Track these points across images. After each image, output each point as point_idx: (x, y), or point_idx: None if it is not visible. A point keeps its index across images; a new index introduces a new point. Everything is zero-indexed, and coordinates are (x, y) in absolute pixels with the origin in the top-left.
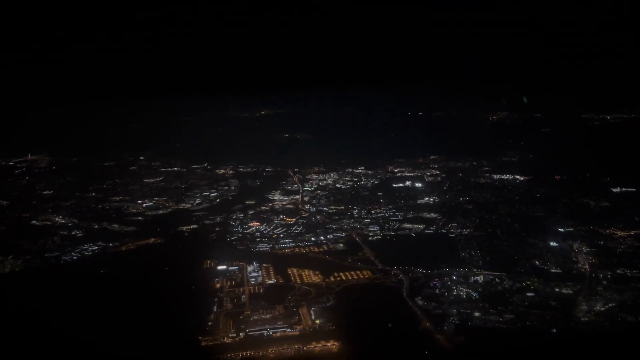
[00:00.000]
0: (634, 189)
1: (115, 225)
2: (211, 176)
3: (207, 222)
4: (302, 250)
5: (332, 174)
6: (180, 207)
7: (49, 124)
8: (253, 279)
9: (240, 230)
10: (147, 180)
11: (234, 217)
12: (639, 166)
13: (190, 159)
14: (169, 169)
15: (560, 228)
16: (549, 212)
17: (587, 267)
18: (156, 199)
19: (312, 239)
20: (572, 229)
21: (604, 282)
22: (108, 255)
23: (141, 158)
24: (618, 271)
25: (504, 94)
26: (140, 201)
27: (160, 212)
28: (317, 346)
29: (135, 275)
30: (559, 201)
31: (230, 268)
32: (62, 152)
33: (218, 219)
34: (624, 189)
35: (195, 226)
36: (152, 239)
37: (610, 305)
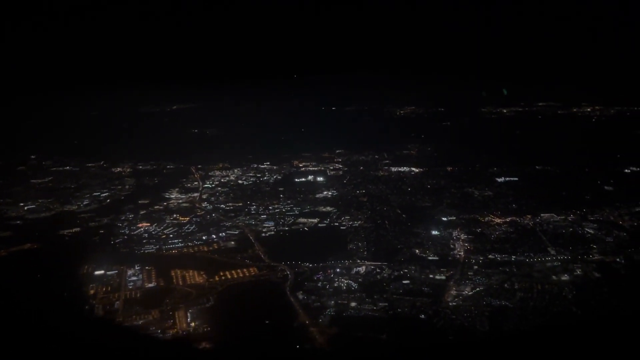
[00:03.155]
0: (517, 178)
1: None
2: (106, 175)
3: (92, 224)
4: (191, 250)
5: (236, 170)
6: (65, 209)
7: None
8: (132, 284)
9: (127, 232)
10: (34, 180)
11: (123, 218)
12: (524, 157)
13: (86, 157)
14: (61, 168)
15: (444, 217)
16: (435, 202)
17: (462, 253)
18: (40, 200)
19: (204, 237)
20: (454, 218)
21: (475, 267)
22: None
23: (32, 157)
24: (490, 256)
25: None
26: (22, 204)
27: (43, 215)
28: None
29: (2, 284)
30: (446, 191)
31: (108, 273)
32: None
33: (105, 221)
34: (507, 179)
35: (78, 229)
36: (28, 245)
37: (478, 289)
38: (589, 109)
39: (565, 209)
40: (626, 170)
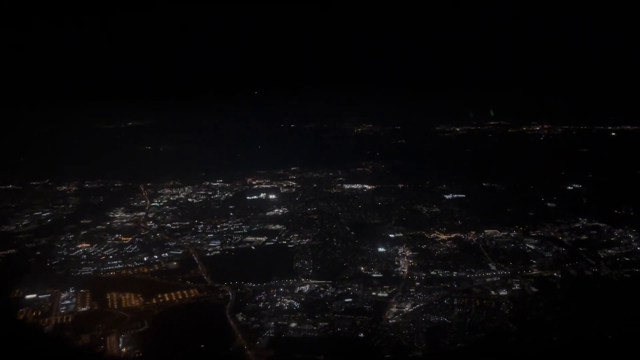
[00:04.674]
0: (464, 195)
1: None
2: (49, 194)
3: (29, 245)
4: (130, 271)
5: (186, 188)
6: (1, 230)
7: None
8: (64, 308)
9: (65, 253)
10: None
11: (62, 238)
12: (472, 174)
13: (30, 175)
14: (2, 187)
15: (391, 234)
16: (385, 218)
17: (405, 269)
18: None
19: (145, 258)
20: (401, 234)
21: (417, 283)
22: None
23: None
24: (432, 272)
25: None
26: None
27: None
28: None
29: None
30: (396, 208)
31: (40, 297)
32: None
33: (43, 242)
34: (455, 196)
35: (14, 250)
36: None
37: (418, 306)
38: (537, 128)
39: (508, 225)
40: (569, 187)
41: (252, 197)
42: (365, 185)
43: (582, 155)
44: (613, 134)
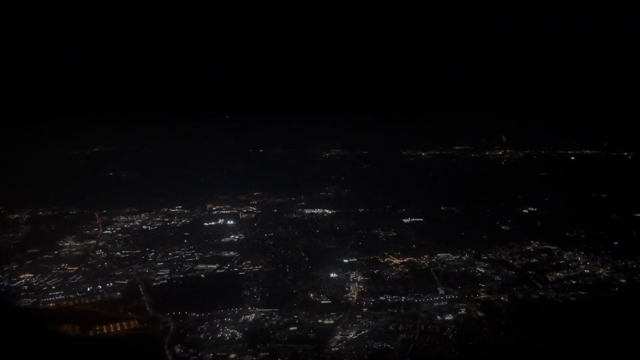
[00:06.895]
0: (422, 219)
1: None
2: None
3: None
4: (71, 302)
5: (143, 215)
6: None
7: None
8: None
9: (6, 284)
10: None
11: (5, 269)
12: (432, 198)
13: None
14: None
15: (345, 259)
16: (341, 243)
17: (355, 295)
18: None
19: (88, 289)
20: (355, 259)
21: (365, 309)
22: None
23: None
24: (381, 298)
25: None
26: None
27: None
28: None
29: None
30: (353, 233)
31: None
32: None
33: None
34: (413, 219)
35: None
36: None
37: (362, 332)
38: (500, 152)
39: (461, 249)
40: (524, 211)
41: (210, 224)
42: (326, 210)
43: (540, 179)
44: (572, 158)
